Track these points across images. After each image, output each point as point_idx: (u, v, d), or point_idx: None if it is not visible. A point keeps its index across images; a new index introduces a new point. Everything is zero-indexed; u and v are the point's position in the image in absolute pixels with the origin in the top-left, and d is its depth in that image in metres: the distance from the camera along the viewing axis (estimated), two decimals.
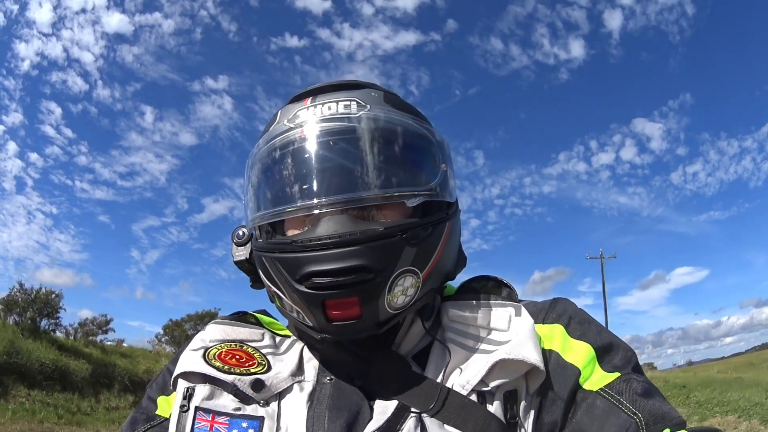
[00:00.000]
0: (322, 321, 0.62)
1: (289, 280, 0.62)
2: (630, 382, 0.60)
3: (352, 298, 0.60)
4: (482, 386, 0.61)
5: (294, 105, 0.72)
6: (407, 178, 0.68)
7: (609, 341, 0.64)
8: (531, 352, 0.60)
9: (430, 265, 0.65)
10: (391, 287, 0.62)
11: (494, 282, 0.75)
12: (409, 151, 0.69)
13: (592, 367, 0.62)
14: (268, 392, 0.64)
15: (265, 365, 0.67)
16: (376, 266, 0.60)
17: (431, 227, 0.66)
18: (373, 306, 0.61)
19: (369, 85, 0.74)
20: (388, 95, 0.72)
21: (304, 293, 0.61)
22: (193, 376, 0.65)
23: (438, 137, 0.73)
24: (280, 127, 0.70)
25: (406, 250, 0.62)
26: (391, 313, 0.63)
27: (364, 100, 0.69)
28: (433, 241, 0.66)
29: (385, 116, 0.68)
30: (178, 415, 0.62)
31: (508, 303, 0.69)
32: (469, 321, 0.68)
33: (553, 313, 0.69)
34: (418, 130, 0.71)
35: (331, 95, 0.70)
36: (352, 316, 0.61)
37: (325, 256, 0.60)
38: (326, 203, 0.63)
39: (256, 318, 0.78)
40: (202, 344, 0.69)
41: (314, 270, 0.60)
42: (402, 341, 0.69)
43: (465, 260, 0.77)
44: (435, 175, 0.70)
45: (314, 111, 0.68)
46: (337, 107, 0.68)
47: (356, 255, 0.60)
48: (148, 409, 0.71)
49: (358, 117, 0.67)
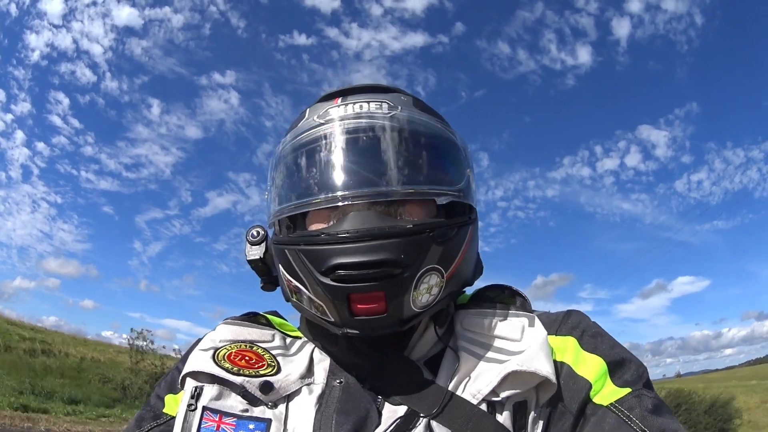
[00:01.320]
0: (345, 315, 0.62)
1: (314, 272, 0.62)
2: (641, 398, 0.59)
3: (378, 293, 0.60)
4: (493, 396, 0.60)
5: (324, 103, 0.72)
6: (436, 177, 0.69)
7: (621, 356, 0.64)
8: (543, 364, 0.60)
9: (454, 265, 0.66)
10: (418, 284, 0.61)
11: (508, 291, 0.75)
12: (437, 153, 0.70)
13: (603, 381, 0.61)
14: (276, 394, 0.64)
15: (275, 367, 0.67)
16: (404, 261, 0.60)
17: (456, 228, 0.67)
18: (399, 302, 0.61)
19: (398, 90, 0.75)
20: (417, 100, 0.74)
21: (329, 286, 0.61)
22: (202, 375, 0.65)
23: (462, 144, 0.74)
24: (310, 122, 0.70)
25: (433, 248, 0.63)
26: (415, 311, 0.63)
27: (395, 102, 0.70)
28: (458, 243, 0.67)
29: (416, 118, 0.70)
30: (185, 414, 0.62)
31: (521, 313, 0.69)
32: (482, 330, 0.68)
33: (567, 326, 0.69)
34: (446, 133, 0.72)
35: (361, 96, 0.71)
36: (376, 312, 0.60)
37: (353, 248, 0.60)
38: (354, 195, 0.63)
39: (266, 319, 0.77)
40: (211, 344, 0.69)
41: (341, 262, 0.59)
42: (415, 346, 0.69)
43: (482, 268, 0.77)
44: (461, 178, 0.71)
45: (345, 108, 0.69)
46: (369, 107, 0.69)
47: (384, 249, 0.59)
48: (156, 407, 0.70)
49: (388, 116, 0.68)
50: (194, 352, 0.69)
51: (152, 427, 0.68)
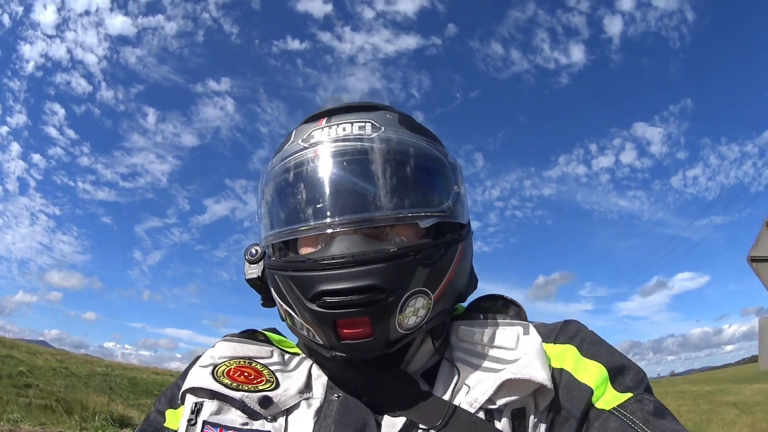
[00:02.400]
0: (332, 340, 0.63)
1: (301, 298, 0.63)
2: (642, 402, 0.60)
3: (364, 318, 0.61)
4: (490, 404, 0.61)
5: (308, 125, 0.73)
6: (420, 199, 0.69)
7: (621, 363, 0.64)
8: (538, 371, 0.61)
9: (441, 286, 0.66)
10: (403, 307, 0.62)
11: (503, 301, 0.76)
12: (423, 173, 0.70)
13: (604, 387, 0.62)
14: (275, 408, 0.64)
15: (274, 382, 0.68)
16: (388, 286, 0.60)
17: (444, 248, 0.67)
18: (384, 326, 0.62)
19: (384, 107, 0.75)
20: (403, 117, 0.74)
21: (316, 312, 0.62)
22: (202, 391, 0.65)
23: (451, 159, 0.74)
24: (294, 147, 0.71)
25: (419, 271, 0.63)
26: (402, 333, 0.63)
27: (379, 122, 0.70)
28: (446, 263, 0.67)
29: (399, 138, 0.69)
30: (186, 429, 0.62)
31: (516, 322, 0.70)
32: (478, 340, 0.69)
33: (565, 335, 0.69)
34: (432, 152, 0.72)
35: (346, 116, 0.72)
36: (362, 336, 0.61)
37: (338, 275, 0.61)
38: (339, 222, 0.64)
39: (265, 336, 0.79)
40: (211, 361, 0.70)
41: (326, 289, 0.61)
42: (412, 359, 0.70)
43: (476, 282, 0.78)
44: (447, 197, 0.71)
45: (329, 131, 0.70)
46: (352, 128, 0.69)
47: (368, 275, 0.60)
48: (156, 422, 0.71)
49: (372, 138, 0.68)
50: (194, 368, 0.70)
51: None
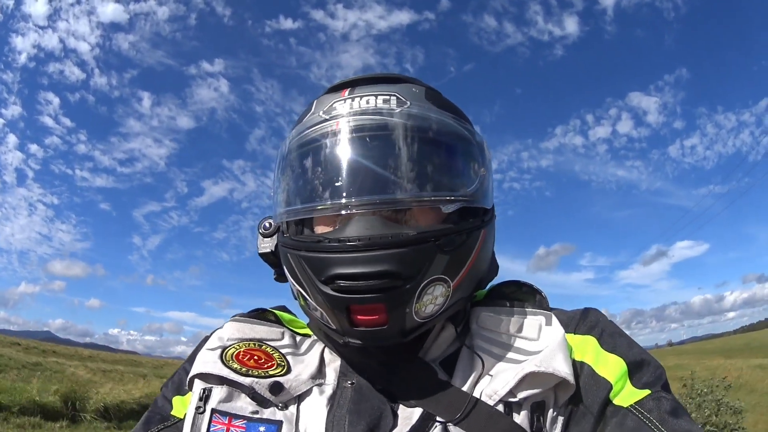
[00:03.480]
0: (345, 325, 0.60)
1: (314, 280, 0.60)
2: (660, 400, 0.60)
3: (379, 305, 0.58)
4: (510, 397, 0.60)
5: (331, 95, 0.68)
6: (444, 181, 0.65)
7: (641, 357, 0.64)
8: (561, 364, 0.59)
9: (461, 273, 0.63)
10: (420, 295, 0.59)
11: (526, 288, 0.74)
12: (448, 153, 0.66)
13: (623, 382, 0.61)
14: (287, 395, 0.62)
15: (285, 366, 0.65)
16: (405, 273, 0.58)
17: (465, 235, 0.64)
18: (400, 314, 0.59)
19: (411, 80, 0.70)
20: (430, 91, 0.69)
21: (329, 295, 0.59)
22: (211, 377, 0.63)
23: (478, 138, 0.70)
24: (315, 119, 0.66)
25: (438, 258, 0.60)
26: (418, 322, 0.61)
27: (405, 96, 0.65)
28: (467, 249, 0.64)
29: (425, 114, 0.65)
30: (194, 417, 0.60)
31: (539, 311, 0.68)
32: (499, 328, 0.67)
33: (585, 324, 0.68)
34: (459, 131, 0.67)
35: (370, 87, 0.67)
36: (377, 323, 0.59)
37: (353, 258, 0.58)
38: (356, 204, 0.60)
39: (275, 315, 0.75)
40: (219, 343, 0.67)
41: (341, 272, 0.58)
42: (431, 347, 0.67)
43: (497, 269, 0.75)
44: (473, 180, 0.67)
45: (351, 104, 0.65)
46: (376, 101, 0.64)
47: (385, 260, 0.57)
48: (163, 409, 0.69)
49: (396, 113, 0.63)
50: (202, 351, 0.67)
51: (160, 429, 0.66)
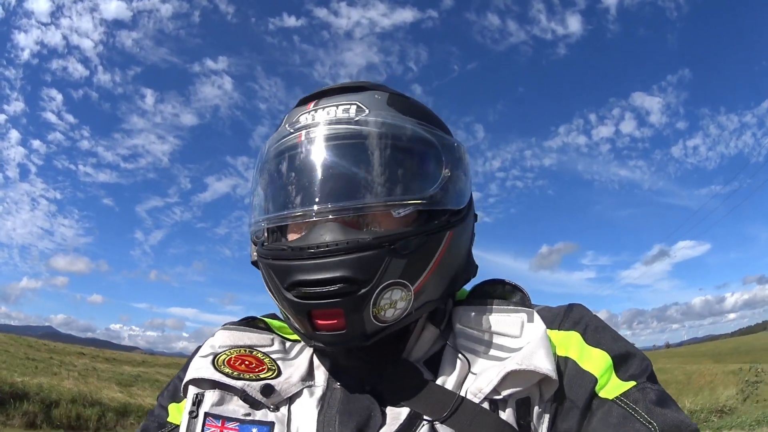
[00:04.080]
0: (309, 329, 0.62)
1: (279, 286, 0.62)
2: (645, 391, 0.60)
3: (337, 310, 0.59)
4: (494, 395, 0.60)
5: (299, 108, 0.71)
6: (398, 186, 0.65)
7: (625, 350, 0.64)
8: (543, 361, 0.60)
9: (423, 277, 0.63)
10: (377, 300, 0.60)
11: (508, 286, 0.74)
12: (405, 157, 0.66)
13: (608, 375, 0.62)
14: (278, 397, 0.64)
15: (275, 370, 0.67)
16: (359, 278, 0.59)
17: (426, 237, 0.64)
18: (358, 318, 0.60)
19: (375, 86, 0.71)
20: (394, 97, 0.70)
21: (292, 301, 0.61)
22: (203, 382, 0.65)
23: (446, 141, 0.69)
24: (282, 131, 0.69)
25: (394, 262, 0.60)
26: (379, 326, 0.61)
27: (365, 104, 0.67)
28: (428, 252, 0.64)
29: (383, 121, 0.65)
30: (188, 421, 0.62)
31: (520, 308, 0.68)
32: (481, 326, 0.67)
33: (569, 320, 0.68)
34: (419, 134, 0.67)
35: (334, 98, 0.68)
36: (336, 327, 0.60)
37: (311, 265, 0.59)
38: (312, 211, 0.63)
39: (265, 323, 0.77)
40: (211, 350, 0.70)
41: (301, 279, 0.60)
42: (413, 347, 0.68)
43: (476, 269, 0.75)
44: (434, 182, 0.66)
45: (314, 115, 0.67)
46: (336, 112, 0.66)
47: (341, 266, 0.58)
48: (160, 417, 0.72)
49: (353, 121, 0.65)
50: (194, 359, 0.69)
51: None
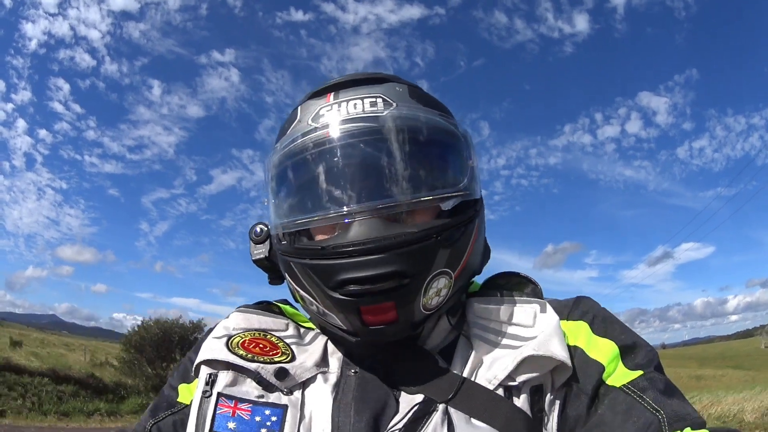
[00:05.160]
0: (357, 325, 0.62)
1: (322, 286, 0.62)
2: (653, 380, 0.61)
3: (388, 303, 0.60)
4: (509, 381, 0.61)
5: (315, 101, 0.69)
6: (440, 179, 0.66)
7: (632, 340, 0.65)
8: (558, 348, 0.61)
9: (462, 264, 0.66)
10: (426, 290, 0.61)
11: (519, 278, 0.76)
12: (440, 151, 0.68)
13: (615, 363, 0.63)
14: (291, 381, 0.64)
15: (289, 355, 0.67)
16: (411, 271, 0.59)
17: (464, 226, 0.66)
18: (409, 309, 0.61)
19: (392, 78, 0.71)
20: (413, 89, 0.70)
21: (339, 300, 0.60)
22: (217, 363, 0.65)
23: (462, 131, 0.71)
24: (303, 127, 0.67)
25: (441, 252, 0.62)
26: (426, 314, 0.63)
27: (391, 97, 0.66)
28: (465, 240, 0.66)
29: (413, 114, 0.66)
30: (200, 401, 0.62)
31: (533, 300, 0.70)
32: (495, 317, 0.68)
33: (577, 311, 0.69)
34: (447, 127, 0.69)
35: (354, 90, 0.67)
36: (388, 321, 0.61)
37: (360, 263, 0.59)
38: (359, 210, 0.62)
39: (279, 308, 0.77)
40: (225, 332, 0.69)
41: (350, 277, 0.59)
42: (428, 337, 0.69)
43: (489, 252, 0.77)
44: (464, 173, 0.68)
45: (338, 109, 0.66)
46: (363, 105, 0.65)
47: (392, 261, 0.59)
48: (170, 397, 0.71)
49: (385, 116, 0.64)
50: (207, 340, 0.69)
51: (167, 416, 0.68)
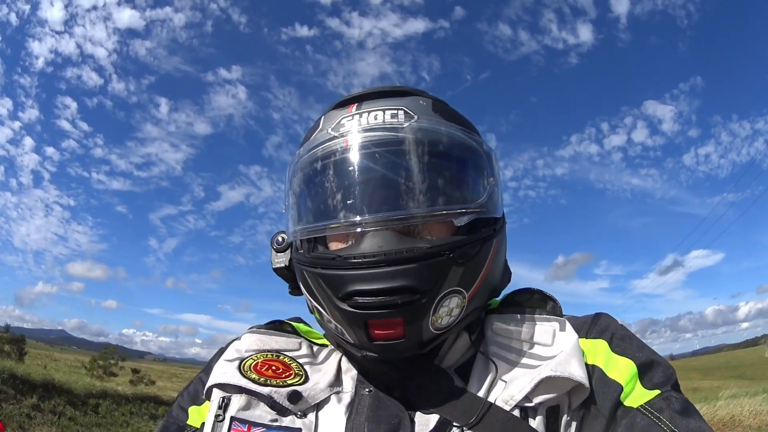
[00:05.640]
0: (363, 340, 0.61)
1: (331, 296, 0.61)
2: (670, 400, 0.60)
3: (396, 319, 0.59)
4: (526, 402, 0.60)
5: (338, 111, 0.69)
6: (456, 194, 0.66)
7: (650, 358, 0.64)
8: (576, 369, 0.60)
9: (476, 284, 0.64)
10: (437, 308, 0.60)
11: (538, 295, 0.74)
12: (459, 166, 0.67)
13: (633, 383, 0.62)
14: (305, 403, 0.63)
15: (303, 376, 0.67)
16: (422, 287, 0.59)
17: (479, 245, 0.64)
18: (417, 327, 0.60)
19: (417, 92, 0.71)
20: (437, 104, 0.70)
21: (347, 311, 0.60)
22: (229, 386, 0.64)
23: (486, 148, 0.70)
24: (323, 136, 0.68)
25: (453, 270, 0.61)
26: (435, 334, 0.62)
27: (413, 110, 0.66)
28: (481, 260, 0.65)
29: (434, 128, 0.65)
30: (213, 425, 0.62)
31: (552, 318, 0.69)
32: (513, 335, 0.67)
33: (596, 329, 0.68)
34: (468, 142, 0.68)
35: (377, 102, 0.68)
36: (394, 337, 0.60)
37: (370, 275, 0.58)
38: (371, 221, 0.61)
39: (292, 327, 0.77)
40: (237, 355, 0.69)
41: (358, 289, 0.59)
42: (446, 354, 0.68)
43: (510, 275, 0.75)
44: (483, 191, 0.67)
45: (359, 120, 0.66)
46: (384, 116, 0.65)
47: (402, 275, 0.58)
48: (179, 419, 0.71)
49: (405, 128, 0.64)
50: (219, 362, 0.69)
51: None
